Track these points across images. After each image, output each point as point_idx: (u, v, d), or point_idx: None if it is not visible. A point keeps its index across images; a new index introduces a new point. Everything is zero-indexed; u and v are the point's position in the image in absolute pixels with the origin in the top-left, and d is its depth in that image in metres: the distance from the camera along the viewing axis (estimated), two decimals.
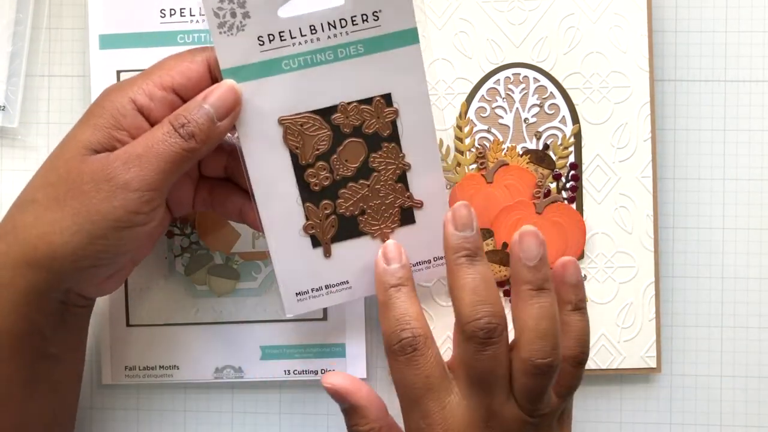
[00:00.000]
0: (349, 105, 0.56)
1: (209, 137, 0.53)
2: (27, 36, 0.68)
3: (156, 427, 0.69)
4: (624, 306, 0.66)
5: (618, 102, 0.66)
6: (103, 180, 0.51)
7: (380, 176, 0.58)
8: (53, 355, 0.57)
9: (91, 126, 0.53)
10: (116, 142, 0.52)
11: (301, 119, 0.56)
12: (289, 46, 0.54)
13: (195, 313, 0.68)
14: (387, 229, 0.59)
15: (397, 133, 0.57)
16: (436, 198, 0.59)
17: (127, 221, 0.51)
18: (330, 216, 0.58)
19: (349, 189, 0.58)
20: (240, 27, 0.53)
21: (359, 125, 0.57)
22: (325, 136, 0.57)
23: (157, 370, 0.68)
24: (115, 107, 0.52)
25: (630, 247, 0.66)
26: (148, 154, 0.51)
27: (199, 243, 0.68)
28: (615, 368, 0.66)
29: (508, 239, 0.66)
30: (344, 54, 0.55)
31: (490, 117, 0.66)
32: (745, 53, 0.68)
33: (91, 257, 0.52)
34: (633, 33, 0.66)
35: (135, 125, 0.53)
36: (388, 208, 0.59)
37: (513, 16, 0.66)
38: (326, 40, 0.55)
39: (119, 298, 0.67)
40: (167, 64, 0.54)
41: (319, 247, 0.58)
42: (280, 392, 0.69)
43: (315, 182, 0.57)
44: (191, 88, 0.54)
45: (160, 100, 0.53)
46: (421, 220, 0.59)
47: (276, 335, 0.67)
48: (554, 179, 0.66)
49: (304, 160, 0.57)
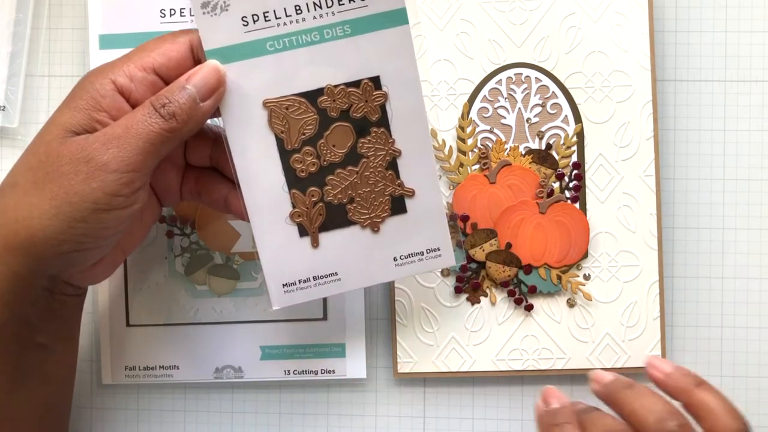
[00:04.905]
0: (336, 88, 0.55)
1: (191, 117, 0.52)
2: (27, 36, 0.68)
3: (156, 427, 0.69)
4: (628, 305, 0.66)
5: (620, 101, 0.66)
6: (81, 161, 0.50)
7: (369, 163, 0.56)
8: (42, 344, 0.56)
9: (71, 108, 0.52)
10: (96, 123, 0.51)
11: (287, 102, 0.54)
12: (274, 26, 0.53)
13: (195, 313, 0.68)
14: (377, 219, 0.57)
15: (386, 117, 0.55)
16: (428, 186, 0.57)
17: (106, 203, 0.50)
18: (317, 204, 0.56)
19: (337, 176, 0.56)
20: (224, 7, 0.52)
21: (347, 109, 0.55)
22: (311, 120, 0.55)
23: (157, 370, 0.68)
24: (95, 89, 0.52)
25: (634, 246, 0.66)
26: (127, 134, 0.50)
27: (199, 243, 0.67)
28: (620, 367, 0.66)
29: (511, 239, 0.66)
30: (330, 35, 0.54)
31: (492, 117, 0.66)
32: (745, 53, 0.68)
33: (72, 241, 0.51)
34: (634, 32, 0.66)
35: (115, 107, 0.52)
36: (377, 197, 0.57)
37: (514, 16, 0.66)
38: (312, 21, 0.53)
39: (119, 298, 0.67)
40: (148, 46, 0.53)
41: (307, 236, 0.57)
42: (280, 392, 0.69)
43: (301, 168, 0.56)
44: (173, 69, 0.53)
45: (140, 81, 0.52)
46: (412, 209, 0.57)
47: (276, 335, 0.67)
48: (557, 179, 0.66)
49: (290, 144, 0.55)
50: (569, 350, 0.66)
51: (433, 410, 0.69)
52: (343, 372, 0.67)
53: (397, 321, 0.67)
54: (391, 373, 0.68)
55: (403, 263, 0.58)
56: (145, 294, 0.68)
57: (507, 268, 0.66)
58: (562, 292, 0.66)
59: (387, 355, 0.68)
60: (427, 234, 0.57)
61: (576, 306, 0.66)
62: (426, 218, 0.57)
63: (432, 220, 0.56)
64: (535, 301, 0.66)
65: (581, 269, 0.66)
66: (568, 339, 0.66)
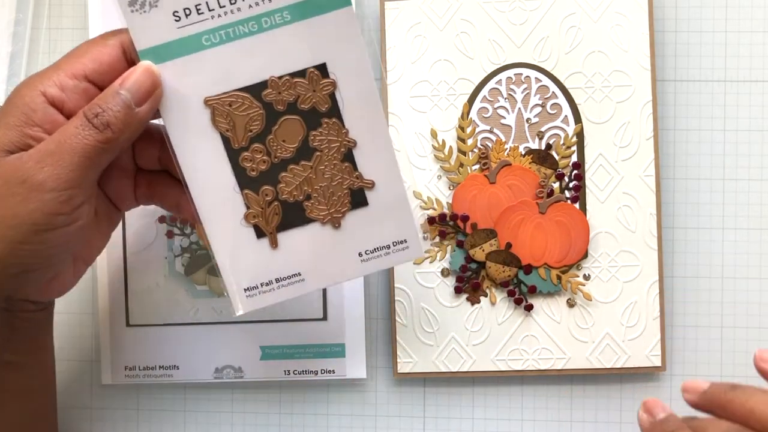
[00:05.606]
0: (281, 79, 0.51)
1: (127, 126, 0.49)
2: (27, 36, 0.68)
3: (156, 427, 0.69)
4: (628, 305, 0.66)
5: (620, 101, 0.66)
6: (16, 182, 0.47)
7: (323, 156, 0.53)
8: (11, 362, 0.55)
9: (3, 126, 0.48)
10: (30, 139, 0.48)
11: (229, 98, 0.51)
12: (208, 19, 0.50)
13: (195, 313, 0.68)
14: (337, 214, 0.54)
15: (337, 107, 0.52)
16: (388, 176, 0.54)
17: (46, 224, 0.48)
18: (272, 203, 0.54)
19: (290, 172, 0.53)
20: (152, 3, 0.49)
21: (294, 101, 0.52)
22: (256, 116, 0.52)
23: (157, 370, 0.68)
24: (24, 103, 0.48)
25: (634, 246, 0.66)
26: (60, 150, 0.47)
27: (199, 243, 0.67)
28: (620, 367, 0.66)
29: (511, 239, 0.66)
30: (269, 23, 0.50)
31: (492, 117, 0.66)
32: (745, 53, 0.68)
33: (19, 264, 0.49)
34: (634, 31, 0.66)
35: (48, 120, 0.49)
36: (336, 191, 0.54)
37: (514, 16, 0.66)
38: (248, 10, 0.50)
39: (119, 298, 0.67)
40: (78, 51, 0.50)
41: (264, 237, 0.54)
42: (280, 392, 0.69)
43: (251, 167, 0.53)
44: (105, 74, 0.50)
45: (72, 89, 0.49)
46: (374, 201, 0.54)
47: (276, 335, 0.67)
48: (557, 179, 0.66)
49: (237, 143, 0.52)
50: (569, 350, 0.66)
51: (433, 410, 0.69)
52: (343, 372, 0.67)
53: (397, 321, 0.67)
54: (391, 373, 0.68)
55: (369, 258, 0.55)
56: (145, 294, 0.68)
57: (507, 268, 0.66)
58: (562, 292, 0.66)
59: (387, 355, 0.68)
60: (392, 226, 0.54)
61: (576, 306, 0.66)
62: (389, 209, 0.54)
63: (396, 211, 0.54)
64: (535, 301, 0.66)
65: (581, 269, 0.66)
66: (568, 339, 0.66)
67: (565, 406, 0.68)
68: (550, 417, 0.68)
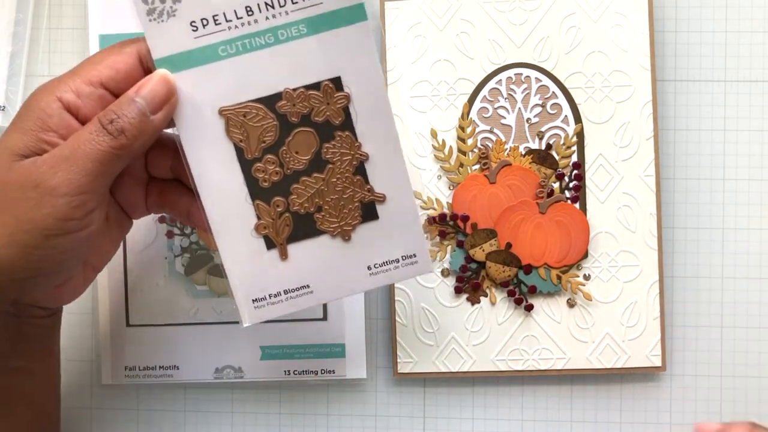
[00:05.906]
0: (295, 91, 0.52)
1: (141, 132, 0.49)
2: (27, 36, 0.68)
3: (156, 427, 0.69)
4: (629, 305, 0.66)
5: (620, 101, 0.66)
6: (30, 187, 0.48)
7: (335, 168, 0.53)
8: (19, 368, 0.55)
9: (18, 130, 0.49)
10: (45, 144, 0.49)
11: (244, 109, 0.52)
12: (225, 30, 0.50)
13: (195, 313, 0.68)
14: (347, 227, 0.54)
15: (350, 120, 0.53)
16: (400, 190, 0.54)
17: (58, 229, 0.48)
18: (283, 214, 0.54)
19: (302, 184, 0.53)
20: (170, 13, 0.50)
21: (308, 113, 0.52)
22: (270, 127, 0.52)
23: (157, 370, 0.68)
24: (41, 108, 0.49)
25: (634, 246, 0.66)
26: (74, 155, 0.48)
27: (199, 243, 0.67)
28: (620, 367, 0.66)
29: (511, 239, 0.66)
30: (285, 36, 0.51)
31: (492, 117, 0.66)
32: (745, 53, 0.68)
33: (29, 268, 0.49)
34: (634, 31, 0.66)
35: (63, 125, 0.49)
36: (347, 204, 0.54)
37: (514, 16, 0.66)
38: (264, 22, 0.50)
39: (119, 298, 0.67)
40: (95, 59, 0.50)
41: (274, 248, 0.54)
42: (280, 392, 0.69)
43: (264, 177, 0.53)
44: (121, 82, 0.50)
45: (88, 96, 0.49)
46: (384, 215, 0.54)
47: (276, 335, 0.67)
48: (557, 179, 0.66)
49: (251, 154, 0.52)
50: (569, 350, 0.66)
51: (433, 410, 0.69)
52: (343, 372, 0.67)
53: (397, 321, 0.67)
54: (391, 373, 0.68)
55: (378, 272, 0.55)
56: (145, 294, 0.68)
57: (507, 268, 0.66)
58: (562, 292, 0.66)
59: (387, 355, 0.68)
60: (402, 240, 0.55)
61: (576, 306, 0.66)
62: (399, 224, 0.54)
63: (406, 226, 0.54)
64: (535, 301, 0.66)
65: (581, 269, 0.66)
66: (568, 339, 0.66)
67: (565, 406, 0.68)
68: (550, 417, 0.68)
